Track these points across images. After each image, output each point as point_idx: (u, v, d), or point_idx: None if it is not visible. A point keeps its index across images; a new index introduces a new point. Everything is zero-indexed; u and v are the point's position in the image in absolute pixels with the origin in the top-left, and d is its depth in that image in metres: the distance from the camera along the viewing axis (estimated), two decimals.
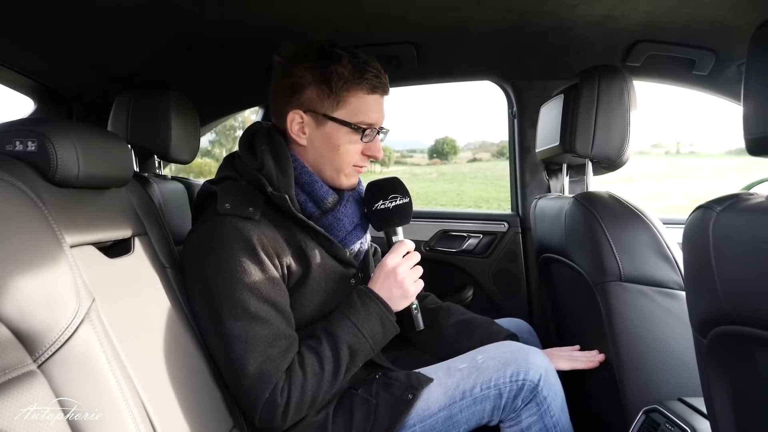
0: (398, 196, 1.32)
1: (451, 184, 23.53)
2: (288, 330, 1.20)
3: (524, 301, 2.29)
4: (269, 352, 1.15)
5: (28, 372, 0.72)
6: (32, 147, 0.93)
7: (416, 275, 1.30)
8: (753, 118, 0.75)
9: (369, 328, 1.23)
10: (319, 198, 1.30)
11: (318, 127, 1.27)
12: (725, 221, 0.77)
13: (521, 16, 1.68)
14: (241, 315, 1.15)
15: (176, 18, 1.56)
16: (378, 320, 1.24)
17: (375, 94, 1.28)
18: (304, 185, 1.29)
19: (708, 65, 1.90)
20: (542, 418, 1.27)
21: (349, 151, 1.29)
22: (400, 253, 1.29)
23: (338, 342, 1.20)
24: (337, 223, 1.30)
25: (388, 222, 1.32)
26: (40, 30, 1.52)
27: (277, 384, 1.14)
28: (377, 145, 1.32)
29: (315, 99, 1.26)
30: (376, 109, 1.29)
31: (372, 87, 1.27)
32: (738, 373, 0.81)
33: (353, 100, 1.26)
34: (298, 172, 1.29)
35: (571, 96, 1.54)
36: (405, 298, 1.28)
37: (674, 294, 1.33)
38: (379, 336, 1.25)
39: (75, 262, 0.86)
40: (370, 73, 1.25)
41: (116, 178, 1.12)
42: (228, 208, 1.19)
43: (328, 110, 1.26)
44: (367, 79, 1.25)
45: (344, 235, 1.33)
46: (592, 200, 1.43)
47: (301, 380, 1.16)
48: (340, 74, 1.23)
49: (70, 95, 1.97)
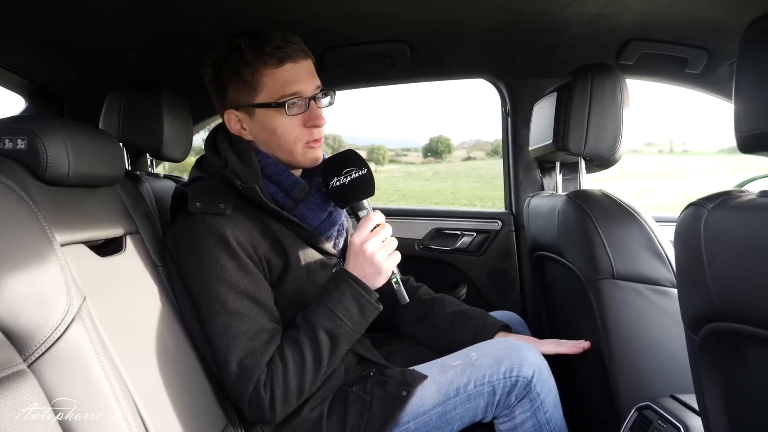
0: (353, 169, 1.25)
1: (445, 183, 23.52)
2: (269, 324, 1.19)
3: (518, 298, 2.29)
4: (250, 346, 1.15)
5: (18, 371, 0.72)
6: (22, 145, 0.92)
7: (389, 249, 1.23)
8: (744, 115, 0.76)
9: (343, 309, 1.20)
10: (287, 187, 1.29)
11: (251, 118, 1.28)
12: (716, 218, 0.77)
13: (514, 14, 1.68)
14: (221, 311, 1.15)
15: (168, 16, 1.55)
16: (353, 301, 1.20)
17: (285, 64, 1.24)
18: (272, 176, 1.29)
19: (700, 64, 1.91)
20: (535, 414, 1.27)
21: (288, 129, 1.26)
22: (367, 229, 1.22)
23: (315, 328, 1.18)
24: (309, 212, 1.30)
25: (347, 198, 1.26)
26: (31, 28, 1.51)
27: (260, 377, 1.14)
28: (315, 113, 1.27)
29: (236, 94, 1.27)
30: (293, 78, 1.25)
31: (278, 59, 1.23)
32: (729, 369, 0.81)
33: (266, 80, 1.24)
34: (263, 164, 1.28)
35: (564, 94, 1.54)
36: (379, 274, 1.22)
37: (667, 291, 1.34)
38: (357, 317, 1.21)
39: (65, 260, 0.85)
40: (270, 46, 1.22)
41: (107, 177, 1.12)
42: (198, 207, 1.19)
43: (249, 99, 1.26)
44: (269, 54, 1.22)
45: (318, 223, 1.32)
46: (585, 198, 1.43)
47: (282, 371, 1.15)
48: (245, 61, 1.23)
49: (61, 93, 1.96)
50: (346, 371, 1.34)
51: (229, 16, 1.60)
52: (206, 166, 1.31)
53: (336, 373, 1.31)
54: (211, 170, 1.29)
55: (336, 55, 1.91)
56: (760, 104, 0.73)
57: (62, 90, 1.95)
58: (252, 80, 1.24)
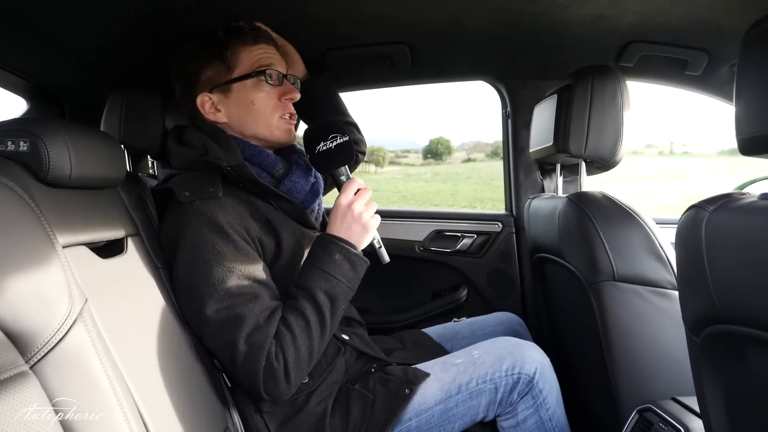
0: (337, 135, 1.28)
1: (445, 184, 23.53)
2: (271, 301, 1.19)
3: (518, 300, 2.30)
4: (255, 323, 1.15)
5: (20, 373, 0.72)
6: (24, 147, 0.92)
7: (372, 210, 1.27)
8: (745, 117, 0.76)
9: (336, 268, 1.21)
10: (269, 166, 1.34)
11: (227, 97, 1.33)
12: (717, 221, 0.77)
13: (514, 16, 1.68)
14: (224, 296, 1.15)
15: (169, 18, 1.55)
16: (344, 259, 1.22)
17: (258, 43, 1.34)
18: (252, 157, 1.32)
19: (701, 65, 1.91)
20: (538, 411, 1.28)
21: (265, 102, 1.33)
22: (352, 191, 1.27)
23: (313, 291, 1.18)
24: (294, 186, 1.34)
25: (332, 163, 1.29)
26: (32, 29, 1.51)
27: (270, 350, 1.14)
28: (289, 87, 1.36)
29: (213, 75, 1.33)
30: (267, 56, 1.34)
31: (253, 38, 1.34)
32: (731, 372, 0.82)
33: (242, 56, 1.32)
34: (242, 148, 1.32)
35: (564, 96, 1.54)
36: (365, 232, 1.25)
37: (667, 293, 1.34)
38: (350, 273, 1.22)
39: (67, 262, 0.85)
40: (245, 28, 1.34)
41: (109, 178, 1.12)
42: (188, 195, 1.21)
43: (227, 76, 1.32)
44: (245, 33, 1.33)
45: (303, 196, 1.36)
46: (585, 200, 1.43)
47: (290, 339, 1.15)
48: (223, 43, 1.32)
49: (62, 95, 1.96)
50: (346, 367, 1.34)
51: (229, 18, 1.60)
52: (178, 161, 1.32)
53: (336, 369, 1.31)
54: (185, 163, 1.30)
55: (336, 57, 1.91)
56: (761, 106, 0.73)
57: (63, 92, 1.95)
58: (229, 57, 1.32)
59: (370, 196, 1.28)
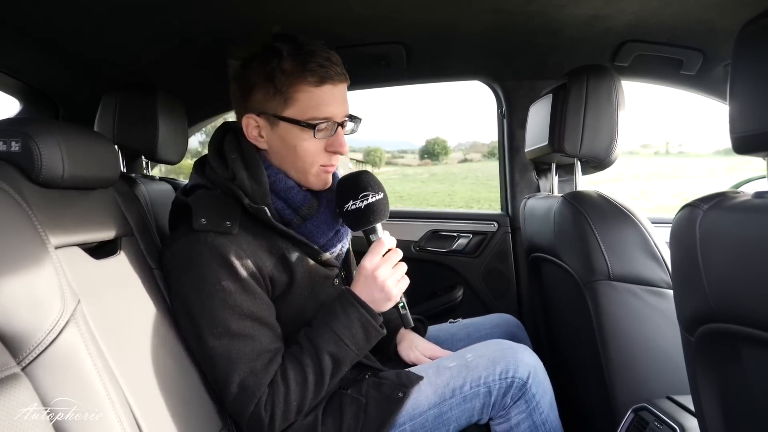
0: (369, 193, 1.22)
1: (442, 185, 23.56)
2: (272, 343, 1.17)
3: (514, 300, 2.30)
4: (252, 367, 1.13)
5: (11, 375, 0.71)
6: (16, 147, 0.92)
7: (399, 275, 1.22)
8: (738, 116, 0.76)
9: (350, 335, 1.19)
10: (296, 205, 1.26)
11: (272, 129, 1.21)
12: (712, 219, 0.77)
13: (510, 16, 1.68)
14: (223, 333, 1.13)
15: (163, 18, 1.55)
16: (360, 326, 1.20)
17: (325, 85, 1.18)
18: (280, 192, 1.24)
19: (696, 65, 1.91)
20: (531, 416, 1.27)
21: (309, 151, 1.21)
22: (379, 254, 1.21)
23: (319, 351, 1.17)
24: (316, 230, 1.26)
25: (362, 222, 1.23)
26: (25, 30, 1.51)
27: (261, 398, 1.13)
28: (340, 140, 1.23)
29: (263, 100, 1.19)
30: (329, 101, 1.19)
31: (319, 78, 1.17)
32: (725, 370, 0.82)
33: (300, 96, 1.17)
34: (273, 179, 1.23)
35: (559, 96, 1.54)
36: (388, 300, 1.22)
37: (662, 292, 1.34)
38: (362, 342, 1.21)
39: (60, 263, 0.85)
40: (314, 63, 1.16)
41: (102, 179, 1.11)
42: (204, 224, 1.14)
43: (277, 110, 1.19)
44: (311, 71, 1.16)
45: (325, 241, 1.28)
46: (581, 200, 1.43)
47: (283, 393, 1.15)
48: (283, 70, 1.16)
49: (56, 95, 1.96)
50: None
51: (224, 18, 1.60)
52: (210, 174, 1.24)
53: None
54: (215, 180, 1.23)
55: None
56: (755, 105, 0.73)
57: (57, 92, 1.95)
58: (286, 92, 1.17)
59: (400, 258, 1.23)
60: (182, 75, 1.99)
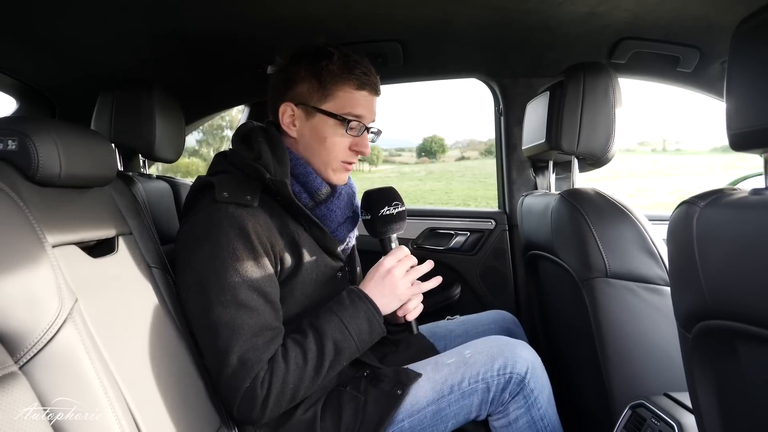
0: (399, 203, 1.36)
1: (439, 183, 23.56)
2: (275, 322, 1.19)
3: (511, 297, 2.30)
4: (254, 342, 1.14)
5: (9, 373, 0.71)
6: (13, 146, 0.92)
7: (410, 280, 1.29)
8: (735, 113, 0.76)
9: (356, 326, 1.21)
10: (313, 189, 1.33)
11: (307, 119, 1.31)
12: (708, 216, 0.77)
13: (507, 13, 1.68)
14: (231, 302, 1.14)
15: (159, 16, 1.54)
16: (365, 320, 1.23)
17: (363, 90, 1.31)
18: (299, 176, 1.32)
19: (692, 62, 1.91)
20: (529, 411, 1.28)
21: (336, 144, 1.31)
22: (398, 257, 1.30)
23: (324, 337, 1.19)
24: (329, 214, 1.34)
25: (390, 227, 1.35)
26: (21, 29, 1.51)
27: (258, 374, 1.13)
28: (365, 141, 1.34)
29: (306, 92, 1.30)
30: (364, 105, 1.32)
31: (360, 83, 1.30)
32: (722, 367, 0.82)
33: (341, 94, 1.30)
34: (294, 164, 1.32)
35: (556, 93, 1.54)
36: (396, 300, 1.27)
37: (659, 290, 1.34)
38: (365, 336, 1.23)
39: (57, 262, 0.85)
40: (359, 70, 1.30)
41: (99, 177, 1.11)
42: (226, 196, 1.20)
43: (317, 103, 1.30)
44: (356, 75, 1.29)
45: (336, 226, 1.36)
46: (578, 197, 1.44)
47: (283, 372, 1.15)
48: (330, 70, 1.28)
49: (52, 94, 1.95)
50: (339, 373, 1.34)
51: (220, 17, 1.59)
52: (232, 159, 1.32)
53: None
54: (238, 162, 1.30)
55: None
56: (751, 102, 0.73)
57: (53, 91, 1.94)
58: (328, 88, 1.29)
59: (414, 264, 1.31)
60: (179, 73, 1.99)
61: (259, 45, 1.81)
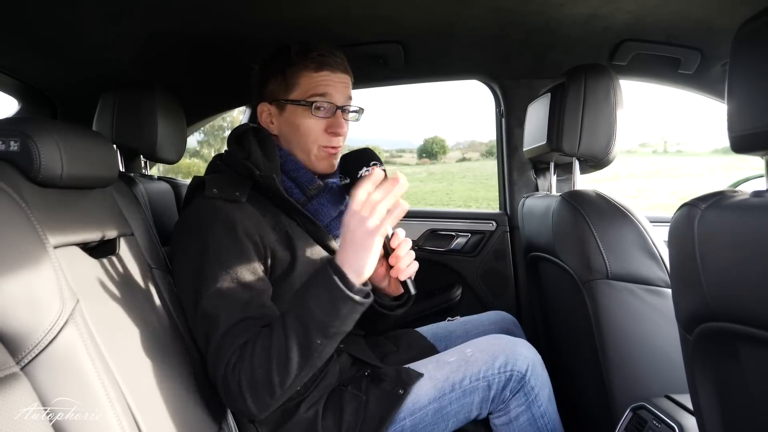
0: (377, 162, 1.24)
1: (440, 184, 23.54)
2: (254, 311, 1.13)
3: (512, 299, 2.30)
4: (231, 331, 1.09)
5: (10, 374, 0.71)
6: (15, 147, 0.92)
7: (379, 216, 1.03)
8: (736, 115, 0.76)
9: (313, 296, 1.06)
10: (304, 184, 1.35)
11: (281, 113, 1.37)
12: (710, 218, 0.77)
13: (508, 15, 1.68)
14: (213, 294, 1.13)
15: (161, 17, 1.55)
16: (323, 287, 1.05)
17: (323, 70, 1.33)
18: (290, 172, 1.35)
19: (693, 64, 1.91)
20: (530, 408, 1.29)
21: (310, 129, 1.34)
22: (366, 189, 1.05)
23: (286, 315, 1.08)
24: (321, 208, 1.35)
25: None
26: (23, 29, 1.51)
27: (230, 360, 1.08)
28: (338, 121, 1.35)
29: (275, 89, 1.36)
30: (327, 83, 1.34)
31: (318, 65, 1.33)
32: (723, 369, 0.82)
33: (302, 80, 1.33)
34: (283, 160, 1.35)
35: (557, 95, 1.54)
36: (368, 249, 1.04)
37: (661, 291, 1.34)
38: (327, 304, 1.04)
39: (59, 262, 0.85)
40: (315, 53, 1.33)
41: (101, 178, 1.11)
42: (215, 192, 1.23)
43: (284, 95, 1.35)
44: (312, 58, 1.33)
45: (329, 221, 1.36)
46: (579, 199, 1.44)
47: (249, 355, 1.07)
48: (291, 61, 1.34)
49: (54, 95, 1.95)
50: (340, 372, 1.34)
51: (222, 18, 1.60)
52: (226, 158, 1.35)
53: (330, 373, 1.31)
54: (231, 161, 1.33)
55: None
56: (753, 104, 0.73)
57: (55, 92, 1.94)
58: (291, 78, 1.34)
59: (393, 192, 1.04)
60: (180, 74, 1.99)
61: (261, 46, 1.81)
